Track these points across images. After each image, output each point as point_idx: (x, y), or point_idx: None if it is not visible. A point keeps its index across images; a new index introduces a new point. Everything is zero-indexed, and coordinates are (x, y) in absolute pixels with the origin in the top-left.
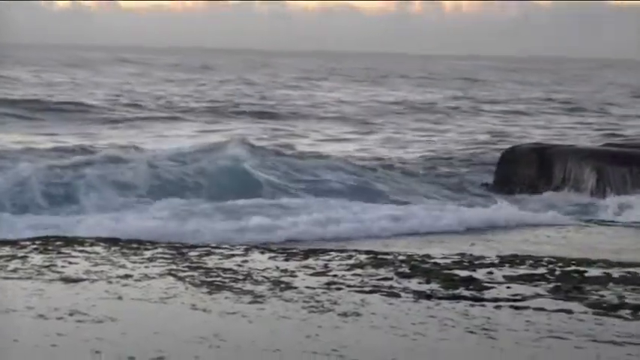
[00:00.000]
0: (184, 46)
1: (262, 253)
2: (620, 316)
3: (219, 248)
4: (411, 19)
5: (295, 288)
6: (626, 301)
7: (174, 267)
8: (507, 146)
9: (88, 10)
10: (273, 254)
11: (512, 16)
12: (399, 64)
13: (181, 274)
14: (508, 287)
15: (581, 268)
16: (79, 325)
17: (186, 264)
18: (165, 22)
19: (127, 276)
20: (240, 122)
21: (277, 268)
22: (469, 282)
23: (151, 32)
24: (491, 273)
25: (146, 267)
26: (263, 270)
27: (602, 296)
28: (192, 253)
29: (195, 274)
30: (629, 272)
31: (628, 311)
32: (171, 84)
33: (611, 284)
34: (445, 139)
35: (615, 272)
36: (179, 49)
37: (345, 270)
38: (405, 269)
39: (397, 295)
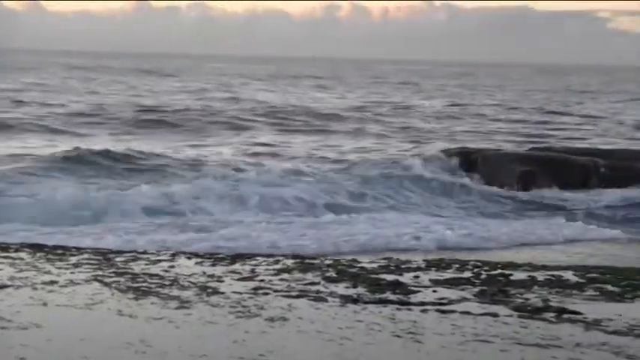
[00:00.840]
0: (106, 50)
1: (189, 258)
2: (544, 319)
3: (146, 254)
4: (338, 23)
5: (222, 293)
6: (551, 304)
7: (100, 273)
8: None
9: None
10: (199, 259)
11: (438, 21)
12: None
13: (107, 280)
14: (434, 291)
15: (507, 272)
16: (3, 332)
17: (112, 270)
18: (90, 26)
19: (52, 282)
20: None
21: (204, 273)
22: (395, 286)
23: (76, 36)
24: (417, 277)
25: (72, 273)
26: (190, 275)
27: (527, 299)
28: (118, 259)
29: (122, 279)
30: (553, 275)
31: (552, 314)
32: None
33: (535, 287)
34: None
35: (540, 275)
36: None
37: (272, 275)
38: (332, 274)
39: (324, 300)
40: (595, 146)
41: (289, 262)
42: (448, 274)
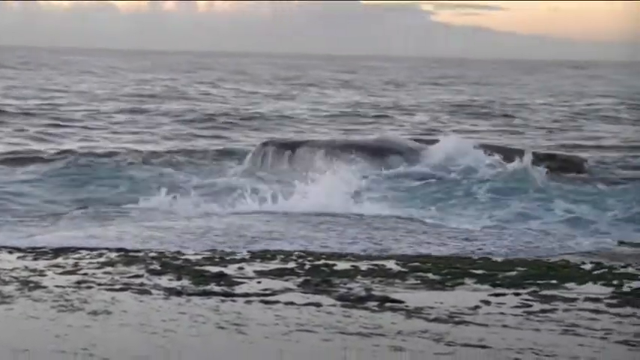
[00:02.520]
0: None
1: (10, 252)
2: (367, 308)
3: None
4: (165, 15)
5: (44, 287)
6: (373, 293)
7: None
8: None
9: None
10: (21, 254)
11: (265, 13)
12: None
13: None
14: (259, 282)
15: (331, 262)
16: None
17: None
18: None
19: None
20: None
21: (26, 267)
22: (220, 278)
23: None
24: (242, 268)
25: None
26: (11, 270)
27: (350, 289)
28: None
29: None
30: (376, 265)
31: (375, 303)
32: None
33: (359, 277)
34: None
35: (363, 265)
36: None
37: (96, 268)
38: (157, 266)
39: (148, 293)
40: None
41: (113, 255)
42: (273, 265)
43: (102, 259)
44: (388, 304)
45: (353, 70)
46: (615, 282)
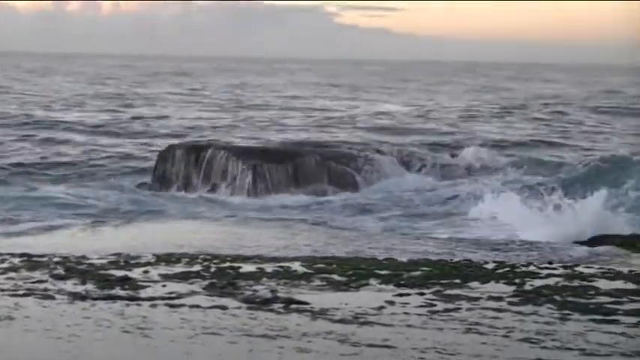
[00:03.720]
0: None
1: None
2: (272, 310)
3: None
4: (69, 17)
5: None
6: (279, 295)
7: None
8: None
9: None
10: None
11: (169, 16)
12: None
13: None
14: (164, 286)
15: (236, 265)
16: None
17: None
18: None
19: None
20: None
21: None
22: (125, 281)
23: None
24: (147, 272)
25: None
26: None
27: (256, 291)
28: None
29: None
30: (281, 266)
31: (280, 305)
32: None
33: (264, 279)
34: None
35: (269, 267)
36: None
37: None
38: (61, 271)
39: (52, 298)
40: None
41: (16, 260)
42: (178, 269)
43: (4, 265)
44: (294, 306)
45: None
46: (517, 280)
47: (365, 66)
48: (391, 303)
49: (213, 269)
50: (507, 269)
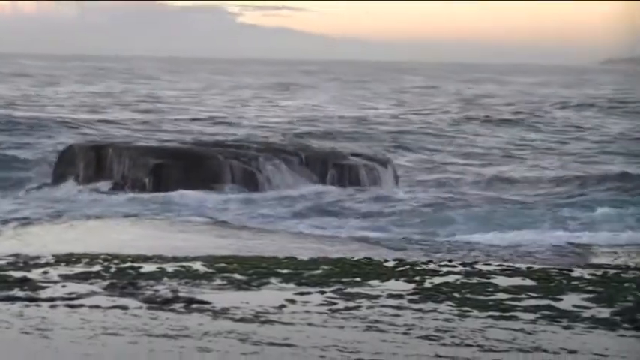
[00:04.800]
0: None
1: None
2: (173, 310)
3: None
4: None
5: None
6: (180, 294)
7: None
8: None
9: None
10: None
11: (71, 15)
12: None
13: None
14: (64, 286)
15: (137, 264)
16: None
17: None
18: None
19: None
20: None
21: None
22: (24, 282)
23: None
24: (46, 272)
25: None
26: None
27: (157, 291)
28: None
29: None
30: (183, 266)
31: (181, 305)
32: None
33: (165, 279)
34: None
35: (170, 267)
36: None
37: None
38: None
39: None
40: None
41: None
42: (78, 269)
43: None
44: (194, 305)
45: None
46: (417, 278)
47: (267, 66)
48: (292, 301)
49: (113, 269)
50: (407, 267)
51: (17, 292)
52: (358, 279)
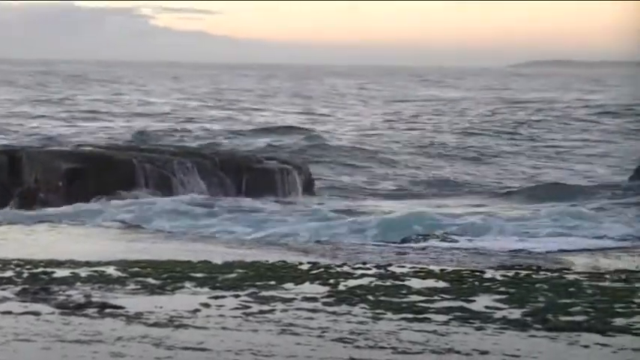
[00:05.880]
0: None
1: None
2: (86, 315)
3: None
4: None
5: None
6: (93, 299)
7: None
8: None
9: None
10: None
11: None
12: None
13: None
14: None
15: (49, 270)
16: None
17: None
18: None
19: None
20: None
21: None
22: None
23: None
24: None
25: None
26: None
27: (70, 296)
28: None
29: None
30: (96, 271)
31: (94, 310)
32: None
33: (78, 284)
34: None
35: (83, 272)
36: None
37: None
38: None
39: None
40: None
41: None
42: None
43: None
44: (108, 310)
45: None
46: (332, 281)
47: (176, 69)
48: (206, 305)
49: (25, 275)
50: (322, 270)
51: None
52: (273, 282)
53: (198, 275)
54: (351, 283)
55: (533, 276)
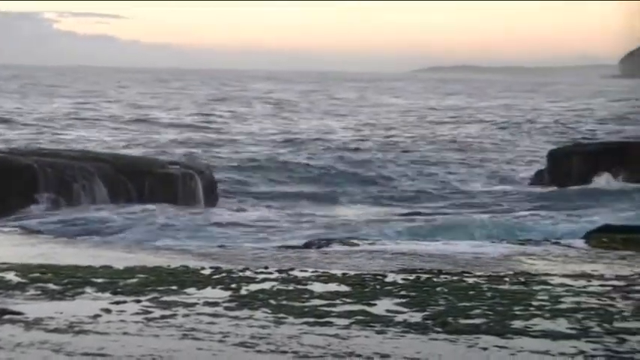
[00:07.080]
0: None
1: None
2: None
3: None
4: None
5: None
6: None
7: None
8: None
9: None
10: None
11: None
12: None
13: None
14: None
15: None
16: None
17: None
18: None
19: None
20: None
21: None
22: None
23: None
24: None
25: None
26: None
27: None
28: None
29: None
30: None
31: None
32: None
33: None
34: None
35: None
36: None
37: None
38: None
39: None
40: None
41: None
42: None
43: None
44: (7, 317)
45: None
46: (234, 285)
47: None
48: (107, 311)
49: None
50: (224, 274)
51: None
52: (174, 287)
53: (100, 280)
54: (253, 287)
55: (434, 279)
